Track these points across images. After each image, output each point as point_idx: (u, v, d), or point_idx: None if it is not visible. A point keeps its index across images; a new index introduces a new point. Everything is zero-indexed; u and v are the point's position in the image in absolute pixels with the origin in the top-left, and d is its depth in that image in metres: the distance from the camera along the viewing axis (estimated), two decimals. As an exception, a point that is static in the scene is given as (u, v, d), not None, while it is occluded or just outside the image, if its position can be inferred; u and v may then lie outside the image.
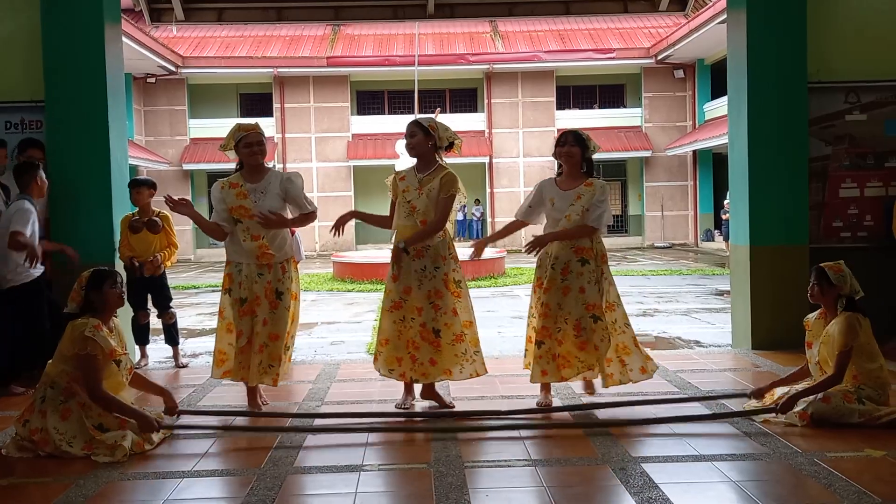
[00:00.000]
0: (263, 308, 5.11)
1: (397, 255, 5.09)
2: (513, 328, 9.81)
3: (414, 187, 5.10)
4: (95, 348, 4.37)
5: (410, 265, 5.06)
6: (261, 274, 5.13)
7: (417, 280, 5.06)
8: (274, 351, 5.11)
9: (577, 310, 5.01)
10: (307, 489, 3.81)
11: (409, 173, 5.21)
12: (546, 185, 5.25)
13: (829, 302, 4.77)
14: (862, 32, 6.99)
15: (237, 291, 5.15)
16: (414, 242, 5.03)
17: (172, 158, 26.13)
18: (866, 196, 7.06)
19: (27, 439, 4.33)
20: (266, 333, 5.11)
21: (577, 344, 5.03)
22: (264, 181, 5.22)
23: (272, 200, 5.17)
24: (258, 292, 5.12)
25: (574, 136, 5.15)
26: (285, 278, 5.19)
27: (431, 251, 5.07)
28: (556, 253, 5.06)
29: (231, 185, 5.20)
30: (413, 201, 5.08)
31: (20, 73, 6.64)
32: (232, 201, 5.14)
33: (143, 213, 6.84)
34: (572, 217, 5.03)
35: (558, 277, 5.04)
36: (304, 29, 28.11)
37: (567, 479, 3.86)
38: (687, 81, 27.04)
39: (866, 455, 4.04)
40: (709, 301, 12.30)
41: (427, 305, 5.05)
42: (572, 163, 5.14)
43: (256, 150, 5.23)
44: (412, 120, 5.32)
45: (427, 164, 5.17)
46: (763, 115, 6.90)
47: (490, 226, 27.11)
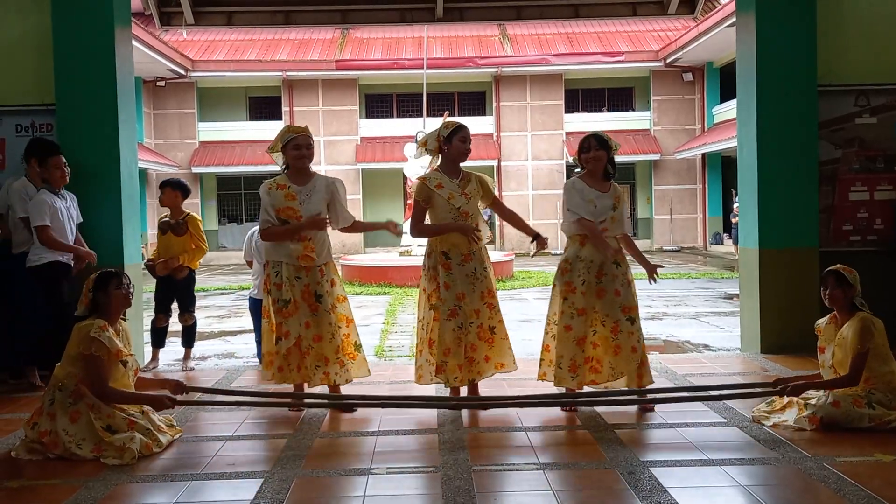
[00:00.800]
0: (304, 311, 5.15)
1: (543, 244, 5.34)
2: (521, 331, 9.79)
3: (458, 193, 5.19)
4: (101, 349, 4.39)
5: (461, 270, 5.12)
6: (298, 277, 5.16)
7: (470, 284, 5.13)
8: (320, 352, 5.16)
9: (614, 312, 5.03)
10: (315, 492, 3.81)
11: (443, 180, 5.22)
12: (579, 185, 5.15)
13: (845, 305, 4.75)
14: (871, 35, 6.97)
15: (277, 293, 5.19)
16: (534, 230, 5.43)
17: (182, 161, 26.21)
18: (876, 199, 7.03)
19: (37, 441, 4.34)
20: (310, 335, 5.16)
21: (613, 348, 5.04)
22: (310, 184, 5.27)
23: (318, 203, 5.22)
24: (297, 296, 5.15)
25: (598, 140, 5.16)
26: (324, 281, 5.21)
27: (478, 254, 5.20)
28: (590, 256, 5.06)
29: (279, 186, 5.24)
30: (463, 207, 5.17)
31: (31, 76, 6.68)
32: (280, 203, 5.18)
33: (172, 215, 6.92)
34: (616, 219, 5.11)
35: (593, 280, 5.04)
36: (312, 32, 28.18)
37: (575, 483, 3.85)
38: (696, 84, 26.99)
39: (876, 459, 4.02)
40: (718, 305, 12.26)
41: (483, 307, 5.16)
42: (599, 166, 5.16)
43: (305, 154, 5.26)
44: (463, 124, 5.37)
45: (458, 168, 5.30)
46: (772, 118, 6.88)
47: (498, 229, 27.09)
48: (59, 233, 5.97)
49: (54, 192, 6.04)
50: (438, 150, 5.33)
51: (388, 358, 7.94)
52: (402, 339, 9.36)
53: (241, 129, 26.91)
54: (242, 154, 25.82)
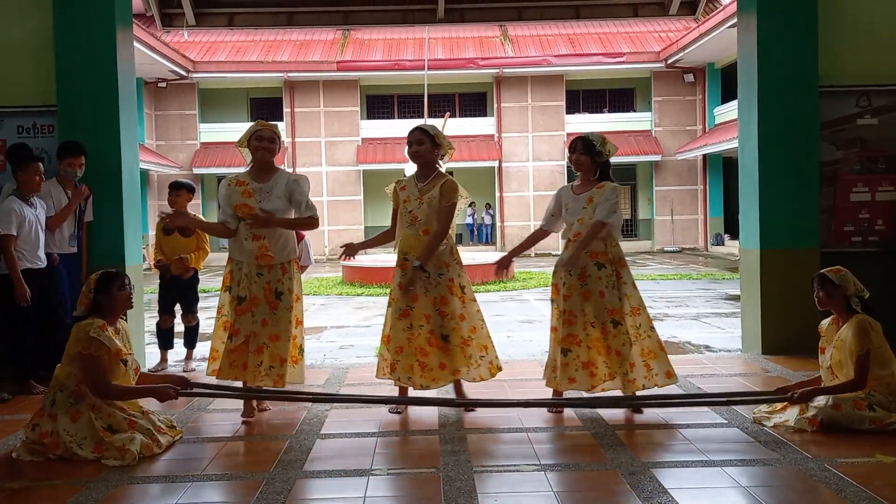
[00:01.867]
0: (262, 308, 5.05)
1: (412, 275, 5.01)
2: (522, 332, 9.80)
3: (414, 197, 5.12)
4: (100, 348, 4.40)
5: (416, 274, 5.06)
6: (260, 274, 5.07)
7: (423, 288, 5.07)
8: (276, 351, 5.06)
9: (601, 314, 5.01)
10: (316, 493, 3.81)
11: (409, 182, 5.22)
12: (563, 191, 5.27)
13: (837, 305, 4.75)
14: (873, 36, 6.96)
15: (236, 289, 5.11)
16: (427, 259, 5.01)
17: (183, 163, 26.23)
18: (877, 200, 7.02)
19: (37, 443, 4.35)
20: (266, 334, 5.05)
21: (604, 349, 5.04)
22: (271, 181, 5.16)
23: (276, 201, 5.09)
24: (256, 292, 5.06)
25: (583, 144, 5.11)
26: (285, 279, 5.12)
27: (434, 258, 5.08)
28: None
29: (238, 182, 5.18)
30: (414, 211, 5.10)
31: (32, 77, 6.68)
32: (237, 199, 5.11)
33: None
34: (584, 220, 5.02)
35: (577, 283, 5.03)
36: (313, 34, 28.19)
37: (576, 484, 3.85)
38: (697, 85, 26.99)
39: (877, 461, 4.02)
40: (719, 305, 12.26)
41: (433, 312, 5.07)
42: (583, 169, 5.14)
43: (266, 146, 5.14)
44: (416, 127, 5.30)
45: (428, 172, 5.19)
46: (774, 118, 6.87)
47: (500, 230, 27.10)
48: (27, 243, 5.88)
49: (24, 199, 5.95)
50: None
51: (389, 359, 7.93)
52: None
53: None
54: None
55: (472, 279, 5.22)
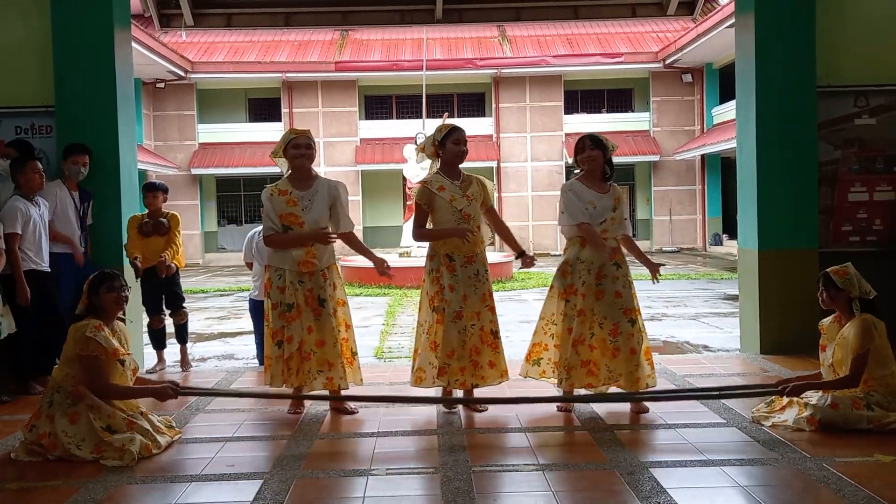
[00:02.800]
0: (307, 315, 5.10)
1: (528, 263, 5.33)
2: (521, 332, 9.79)
3: (460, 195, 5.15)
4: (97, 348, 4.40)
5: (464, 272, 5.10)
6: (301, 281, 5.11)
7: (472, 286, 5.11)
8: (322, 357, 5.10)
9: (613, 314, 5.01)
10: (315, 493, 3.81)
11: (445, 183, 5.18)
12: (577, 188, 5.14)
13: (840, 306, 4.76)
14: (871, 36, 6.97)
15: (278, 296, 5.14)
16: (521, 247, 5.38)
17: (181, 163, 26.20)
18: (875, 200, 7.03)
19: (36, 443, 4.35)
20: (313, 340, 5.10)
21: (611, 351, 5.01)
22: (312, 188, 5.21)
23: (320, 208, 5.17)
24: (299, 300, 5.11)
25: (592, 140, 5.14)
26: (327, 285, 5.17)
27: (480, 257, 5.18)
28: (590, 258, 5.05)
29: (280, 192, 5.18)
30: (465, 209, 5.12)
31: (31, 78, 6.68)
32: (281, 208, 5.13)
33: (152, 216, 6.85)
34: (616, 220, 5.09)
35: (593, 282, 5.03)
36: (312, 34, 28.17)
37: (575, 484, 3.85)
38: (695, 85, 27.00)
39: (876, 460, 4.02)
40: (717, 305, 12.27)
41: (484, 309, 5.13)
42: (596, 166, 5.14)
43: (304, 153, 5.21)
44: (457, 126, 5.32)
45: (457, 170, 5.27)
46: (772, 119, 6.88)
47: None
48: (31, 243, 5.88)
49: (28, 198, 5.96)
50: (436, 154, 5.29)
51: (388, 359, 7.95)
52: (402, 341, 9.36)
53: (241, 130, 26.89)
54: (242, 155, 25.82)
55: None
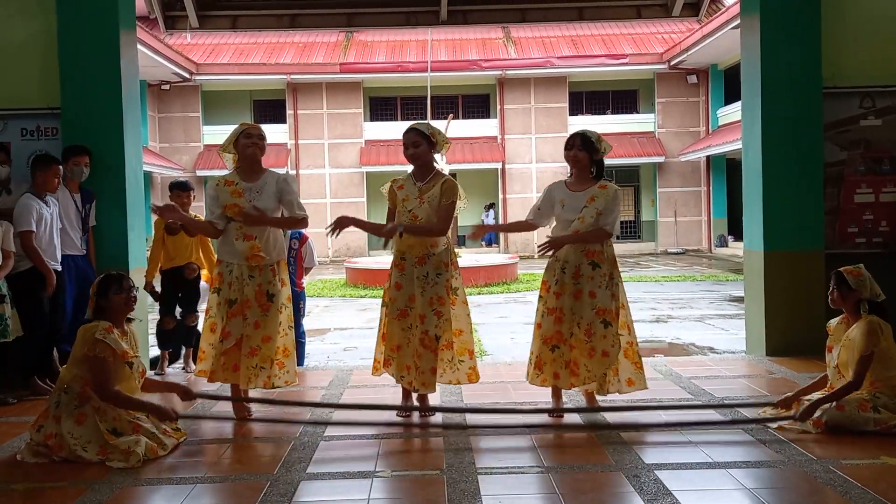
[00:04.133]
0: (254, 311, 5.02)
1: (391, 231, 5.02)
2: (525, 334, 9.78)
3: (414, 196, 5.07)
4: (105, 350, 4.40)
5: (413, 272, 5.03)
6: (251, 276, 5.03)
7: (420, 287, 5.01)
8: (266, 353, 5.05)
9: (587, 314, 4.95)
10: (320, 495, 3.81)
11: (406, 182, 5.15)
12: (555, 187, 5.19)
13: (849, 307, 4.74)
14: (876, 37, 6.95)
15: (226, 292, 5.06)
16: (414, 232, 5.00)
17: (186, 165, 26.27)
18: (882, 201, 7.01)
19: (42, 444, 4.35)
20: (259, 336, 5.03)
21: (587, 351, 4.95)
22: (261, 181, 5.12)
23: (267, 200, 5.06)
24: (248, 294, 5.02)
25: (581, 140, 5.05)
26: (276, 280, 5.09)
27: (434, 259, 5.05)
28: (566, 257, 5.00)
29: (226, 182, 5.12)
30: (414, 210, 5.04)
31: (36, 80, 6.69)
32: (226, 199, 5.05)
33: None
34: (586, 219, 4.95)
35: (570, 281, 4.98)
36: (317, 36, 28.24)
37: (580, 486, 3.84)
38: (700, 87, 26.97)
39: (882, 463, 4.01)
40: (722, 307, 12.24)
41: (429, 313, 5.01)
42: (580, 166, 5.07)
43: (256, 142, 5.10)
44: (410, 128, 5.19)
45: (426, 171, 5.14)
46: (777, 120, 6.86)
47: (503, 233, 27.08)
48: (43, 241, 5.89)
49: (40, 197, 5.98)
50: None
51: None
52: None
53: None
54: (247, 157, 25.81)
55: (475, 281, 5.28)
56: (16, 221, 5.82)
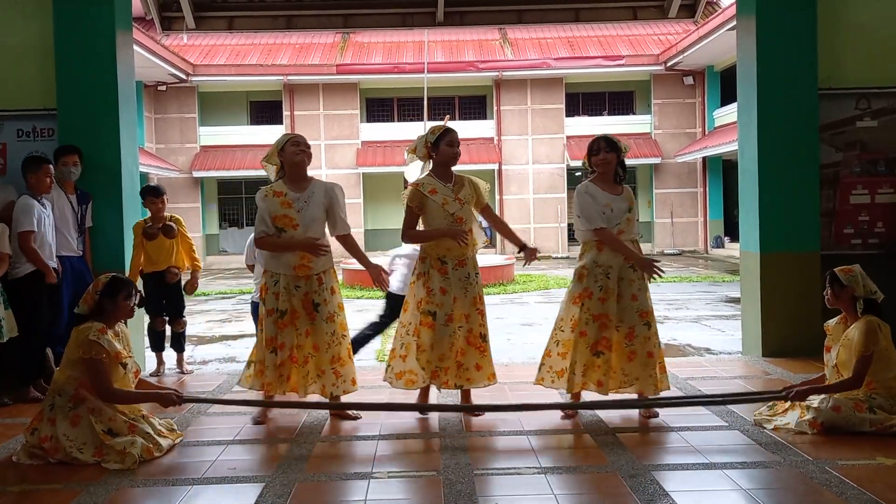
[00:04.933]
0: (303, 320, 5.04)
1: (531, 255, 5.42)
2: (522, 335, 9.80)
3: (452, 199, 5.11)
4: (101, 351, 4.38)
5: (455, 274, 5.08)
6: (298, 286, 5.04)
7: (462, 289, 5.08)
8: (318, 362, 5.07)
9: (630, 317, 4.97)
10: (317, 497, 3.80)
11: (437, 186, 5.14)
12: (593, 190, 5.06)
13: (846, 305, 4.75)
14: (872, 39, 6.96)
15: (274, 302, 5.06)
16: (521, 241, 5.48)
17: (183, 166, 26.23)
18: (877, 202, 7.02)
19: (37, 447, 4.34)
20: (309, 345, 5.06)
21: (627, 354, 4.98)
22: (308, 190, 5.13)
23: (315, 211, 5.09)
24: (296, 305, 5.04)
25: (607, 143, 5.09)
26: (321, 290, 5.08)
27: (471, 259, 5.17)
28: (608, 262, 5.00)
29: (275, 193, 5.09)
30: (457, 213, 5.09)
31: (32, 80, 6.68)
32: (276, 210, 5.04)
33: (155, 220, 6.84)
34: (631, 220, 5.07)
35: (614, 286, 4.98)
36: (313, 37, 28.22)
37: (577, 487, 3.84)
38: (696, 88, 26.99)
39: (879, 463, 4.02)
40: (719, 308, 12.26)
41: (473, 312, 5.11)
42: (609, 168, 5.10)
43: (304, 149, 5.14)
44: (450, 128, 5.25)
45: (450, 173, 5.22)
46: (773, 121, 6.87)
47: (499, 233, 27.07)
48: (40, 243, 5.88)
49: (36, 198, 5.96)
50: (428, 156, 5.24)
51: (390, 362, 7.92)
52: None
53: (242, 133, 26.91)
54: (243, 158, 25.83)
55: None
56: (16, 222, 5.81)
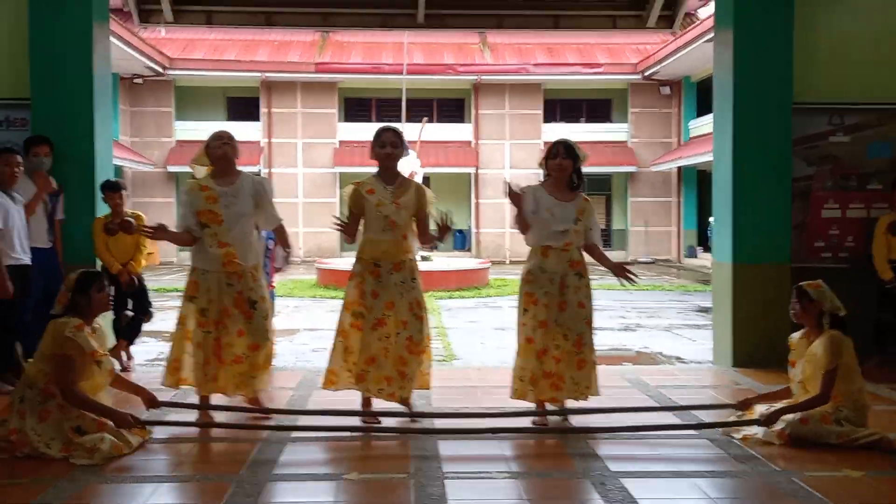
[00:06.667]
0: (236, 318, 4.92)
1: (444, 233, 5.04)
2: (495, 339, 9.81)
3: (388, 201, 4.99)
4: (74, 349, 4.33)
5: (389, 279, 4.98)
6: (230, 283, 4.92)
7: (399, 293, 4.97)
8: (255, 361, 4.96)
9: (578, 325, 4.94)
10: (286, 497, 3.79)
11: (376, 186, 5.04)
12: (538, 192, 5.03)
13: (811, 320, 4.80)
14: (846, 56, 7.06)
15: (202, 301, 4.93)
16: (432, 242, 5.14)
17: (158, 160, 26.00)
18: (848, 217, 7.11)
19: (4, 439, 4.28)
20: (244, 344, 4.93)
21: (577, 362, 4.94)
22: (236, 185, 5.01)
23: (243, 205, 4.97)
24: (227, 303, 4.92)
25: (565, 148, 5.03)
26: (257, 286, 4.99)
27: (409, 264, 5.05)
28: (553, 268, 4.96)
29: (201, 187, 4.98)
30: (391, 216, 4.97)
31: (6, 70, 6.60)
32: (201, 205, 4.93)
33: (115, 215, 6.72)
34: (580, 231, 4.99)
35: (557, 293, 4.95)
36: (292, 34, 28.07)
37: (547, 493, 3.86)
38: (673, 98, 27.23)
39: (844, 475, 4.06)
40: (690, 317, 12.36)
41: (411, 317, 4.98)
42: (564, 174, 5.04)
43: (227, 142, 5.02)
44: (388, 127, 5.16)
45: (394, 174, 5.09)
46: (748, 133, 6.94)
47: (475, 236, 27.13)
48: (11, 237, 5.78)
49: (6, 192, 5.86)
50: (373, 157, 5.15)
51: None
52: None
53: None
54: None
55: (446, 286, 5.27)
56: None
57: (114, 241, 6.69)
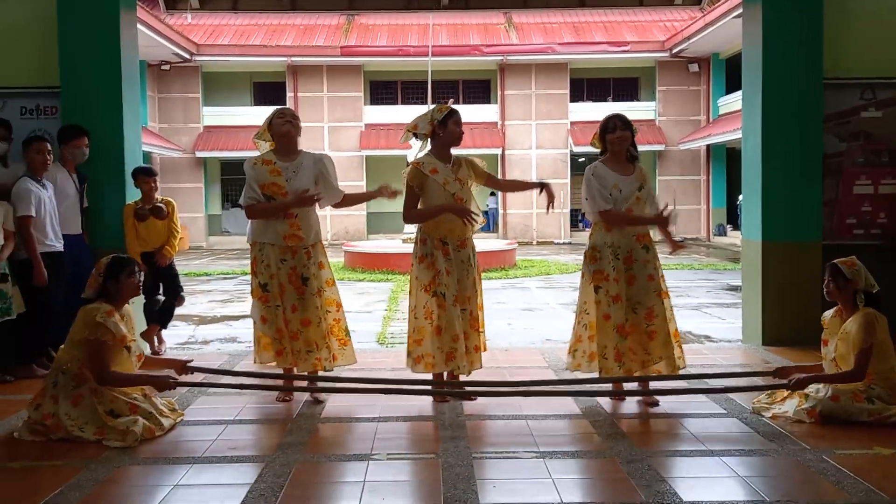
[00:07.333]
0: (290, 295, 5.03)
1: (551, 192, 5.19)
2: (523, 320, 9.81)
3: (452, 178, 5.09)
4: (106, 334, 4.40)
5: (457, 255, 5.09)
6: (284, 259, 5.02)
7: (464, 270, 5.11)
8: (308, 337, 5.05)
9: (648, 298, 4.96)
10: (316, 477, 3.83)
11: (438, 166, 5.11)
12: (602, 171, 5.04)
13: (845, 298, 4.74)
14: (878, 29, 6.93)
15: (263, 276, 5.05)
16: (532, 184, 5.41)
17: (186, 146, 26.21)
18: (881, 193, 7.01)
19: (39, 423, 4.36)
20: (298, 320, 5.03)
21: (648, 333, 4.96)
22: (298, 160, 5.12)
23: (305, 179, 5.06)
24: (282, 279, 5.02)
25: (622, 121, 5.06)
26: (311, 263, 5.07)
27: (470, 241, 5.19)
28: (616, 242, 4.98)
29: (264, 161, 5.07)
30: (458, 193, 5.08)
31: (36, 58, 6.67)
32: (264, 178, 5.01)
33: (146, 200, 6.79)
34: (643, 200, 5.06)
35: (623, 267, 4.97)
36: (318, 18, 28.04)
37: (575, 472, 3.86)
38: (701, 75, 26.90)
39: (875, 453, 4.03)
40: (720, 296, 12.26)
41: (474, 295, 5.15)
42: (625, 147, 5.06)
43: (291, 120, 5.12)
44: (452, 107, 5.24)
45: (449, 153, 5.20)
46: (777, 110, 6.85)
47: (502, 217, 27.08)
48: (42, 225, 5.89)
49: (36, 179, 5.97)
50: (431, 134, 5.17)
51: (390, 345, 7.96)
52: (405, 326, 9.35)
53: (246, 114, 26.81)
54: (246, 139, 25.49)
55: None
56: (15, 206, 5.83)
57: (145, 227, 6.75)
